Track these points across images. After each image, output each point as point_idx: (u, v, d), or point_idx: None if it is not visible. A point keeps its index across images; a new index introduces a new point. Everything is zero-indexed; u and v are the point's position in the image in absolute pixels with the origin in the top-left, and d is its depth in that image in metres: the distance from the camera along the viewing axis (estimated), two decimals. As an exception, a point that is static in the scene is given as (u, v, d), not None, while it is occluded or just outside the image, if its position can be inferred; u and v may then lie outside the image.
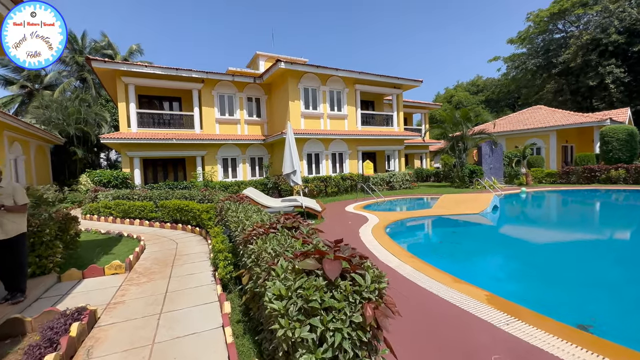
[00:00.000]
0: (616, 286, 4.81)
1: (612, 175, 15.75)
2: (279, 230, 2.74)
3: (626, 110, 22.19)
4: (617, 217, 10.70)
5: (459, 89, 54.45)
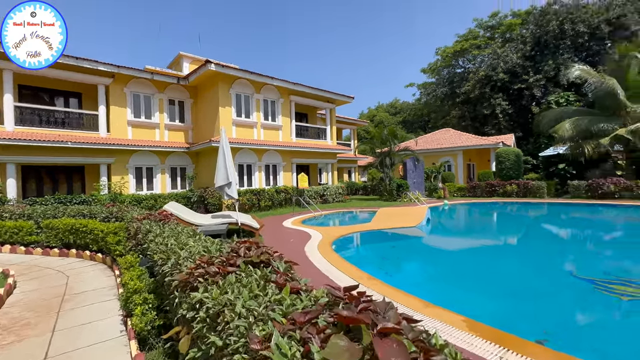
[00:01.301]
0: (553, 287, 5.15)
1: (508, 190, 18.48)
2: (241, 267, 1.92)
3: (512, 136, 26.77)
4: (528, 225, 12.35)
5: (380, 110, 59.24)
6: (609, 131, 15.66)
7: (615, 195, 14.85)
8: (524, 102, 29.48)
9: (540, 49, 28.91)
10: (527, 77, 28.95)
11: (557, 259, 7.34)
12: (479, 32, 38.65)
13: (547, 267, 6.70)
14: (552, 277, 5.99)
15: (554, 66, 27.53)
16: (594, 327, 4.08)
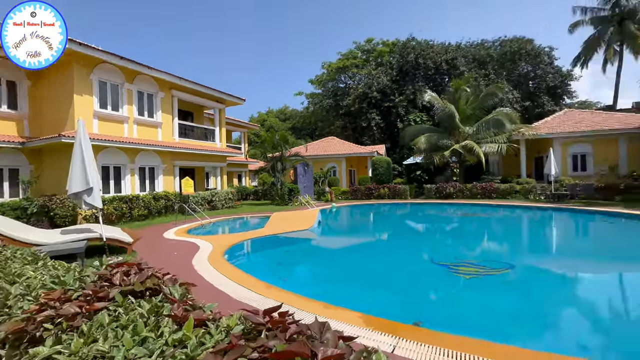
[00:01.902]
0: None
1: (381, 192, 21.36)
2: (118, 301, 1.44)
3: (383, 146, 31.17)
4: (397, 222, 14.38)
5: (271, 115, 59.70)
6: (449, 146, 20.07)
7: (454, 196, 19.10)
8: (392, 118, 34.86)
9: (403, 75, 34.86)
10: (394, 97, 34.37)
11: (419, 249, 8.81)
12: (357, 53, 43.73)
13: (414, 257, 7.95)
14: (418, 265, 7.13)
15: (413, 90, 33.60)
16: (451, 302, 5.01)
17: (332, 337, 0.97)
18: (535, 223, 13.23)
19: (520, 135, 19.53)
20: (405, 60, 34.25)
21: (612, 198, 15.05)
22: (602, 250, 8.68)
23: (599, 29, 29.31)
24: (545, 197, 16.33)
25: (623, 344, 3.75)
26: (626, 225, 11.03)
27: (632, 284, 6.10)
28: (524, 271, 6.59)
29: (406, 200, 19.95)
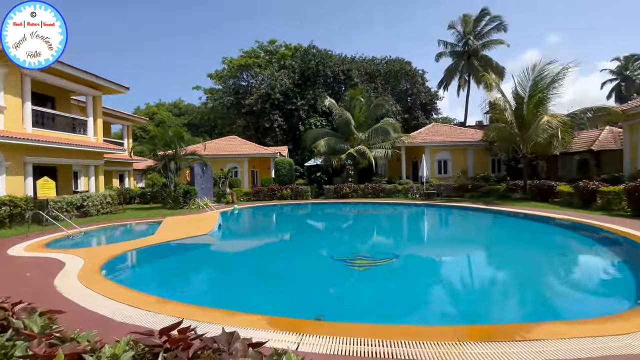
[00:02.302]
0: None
1: (284, 193, 21.67)
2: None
3: (286, 147, 31.70)
4: (299, 221, 14.76)
5: (162, 108, 53.38)
6: (345, 150, 21.88)
7: (350, 196, 20.90)
8: (294, 120, 35.79)
9: (305, 80, 36.24)
10: (296, 100, 35.36)
11: (320, 247, 9.33)
12: (260, 53, 43.25)
13: (315, 255, 8.36)
14: (319, 262, 7.53)
15: (313, 96, 35.25)
16: (349, 293, 5.47)
17: (242, 347, 0.93)
18: (412, 217, 15.65)
19: (402, 142, 22.78)
20: (307, 66, 35.68)
21: (463, 195, 19.08)
22: (458, 235, 10.92)
23: (455, 61, 36.78)
24: (420, 196, 19.50)
25: (482, 308, 4.80)
26: (472, 216, 14.16)
27: (480, 260, 7.87)
28: (405, 258, 7.72)
29: (307, 201, 20.77)
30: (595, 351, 2.71)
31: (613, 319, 3.31)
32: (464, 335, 3.00)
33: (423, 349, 2.79)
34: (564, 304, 4.96)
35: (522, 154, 16.75)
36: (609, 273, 6.53)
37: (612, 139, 19.28)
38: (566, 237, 9.46)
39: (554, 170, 22.36)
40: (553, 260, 7.30)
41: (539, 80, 15.87)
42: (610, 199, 11.20)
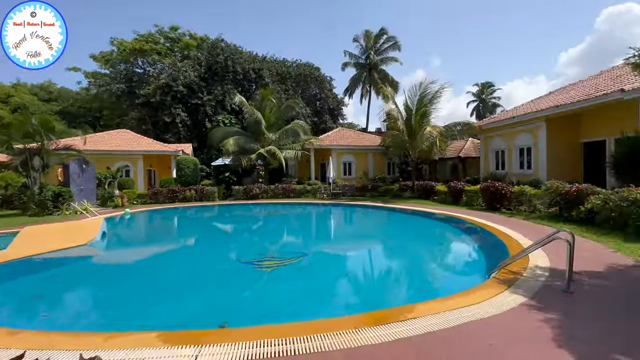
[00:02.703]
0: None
1: (187, 195, 19.93)
2: None
3: (190, 145, 29.25)
4: (205, 225, 13.72)
5: (22, 90, 42.65)
6: (256, 149, 21.48)
7: (260, 196, 20.58)
8: (200, 116, 33.29)
9: (212, 74, 34.09)
10: (202, 95, 32.94)
11: (227, 251, 8.92)
12: (160, 39, 38.79)
13: (220, 259, 7.95)
14: (224, 266, 7.20)
15: (222, 92, 33.47)
16: (256, 296, 5.38)
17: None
18: (320, 216, 16.40)
19: (311, 144, 23.64)
20: (215, 60, 33.68)
21: (365, 195, 20.99)
22: (359, 231, 11.94)
23: (358, 72, 40.19)
24: (327, 195, 20.57)
25: (378, 295, 5.30)
26: (372, 213, 15.67)
27: (377, 252, 8.75)
28: (313, 256, 8.02)
29: (214, 202, 19.60)
30: (458, 320, 3.32)
31: (470, 292, 4.12)
32: (360, 323, 3.28)
33: (323, 341, 2.94)
34: (439, 284, 5.96)
35: (411, 158, 19.42)
36: (470, 255, 8.12)
37: (473, 148, 24.06)
38: (442, 229, 11.37)
39: (434, 172, 26.60)
40: (432, 248, 8.68)
41: (424, 96, 18.66)
42: (471, 196, 13.95)
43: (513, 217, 10.55)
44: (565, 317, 3.39)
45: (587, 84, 15.39)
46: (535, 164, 15.83)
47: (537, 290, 4.12)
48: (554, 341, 2.92)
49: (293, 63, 40.98)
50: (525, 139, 16.57)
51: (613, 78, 13.89)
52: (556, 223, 8.98)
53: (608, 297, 3.96)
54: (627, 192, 7.43)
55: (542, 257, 5.66)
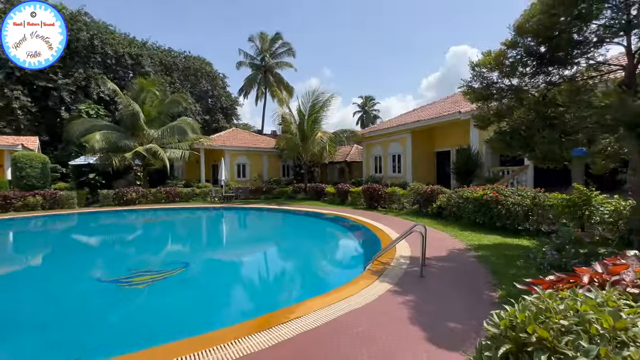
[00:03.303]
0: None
1: (31, 202, 15.61)
2: None
3: (36, 139, 23.10)
4: (56, 239, 10.90)
5: None
6: (132, 147, 18.52)
7: (137, 202, 17.82)
8: (52, 103, 26.63)
9: (71, 54, 27.76)
10: (55, 77, 26.44)
11: (85, 269, 7.34)
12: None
13: (76, 281, 6.48)
14: (82, 289, 5.90)
15: (85, 76, 27.61)
16: (123, 318, 4.56)
17: None
18: (209, 221, 15.33)
19: (201, 144, 21.93)
20: (76, 36, 27.57)
21: (259, 197, 20.75)
22: (252, 235, 11.69)
23: (254, 73, 39.60)
24: (219, 199, 19.44)
25: (266, 298, 5.20)
26: (266, 215, 15.60)
27: (268, 255, 8.69)
28: (198, 265, 7.38)
29: (73, 210, 15.97)
30: (335, 313, 3.57)
31: (347, 286, 4.51)
32: (242, 332, 3.16)
33: (202, 359, 2.71)
34: (326, 280, 6.33)
35: (304, 161, 20.25)
36: (353, 250, 8.96)
37: (357, 154, 26.83)
38: (330, 228, 12.21)
39: (325, 175, 28.47)
40: (320, 247, 9.21)
41: (316, 103, 19.74)
42: (355, 196, 15.50)
43: (387, 214, 12.19)
44: (418, 297, 4.07)
45: (438, 105, 19.21)
46: (404, 169, 18.77)
47: (400, 277, 4.83)
48: (409, 318, 3.46)
49: (180, 54, 37.33)
50: (396, 147, 19.46)
51: (455, 102, 17.73)
52: (417, 218, 10.82)
53: (448, 276, 4.96)
54: (462, 191, 9.55)
55: (406, 247, 6.70)
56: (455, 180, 14.16)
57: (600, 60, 5.70)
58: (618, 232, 6.21)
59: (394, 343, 2.97)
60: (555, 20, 4.95)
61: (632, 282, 1.42)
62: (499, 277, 4.67)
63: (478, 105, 6.34)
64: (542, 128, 5.14)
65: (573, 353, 1.01)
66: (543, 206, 7.47)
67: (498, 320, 1.24)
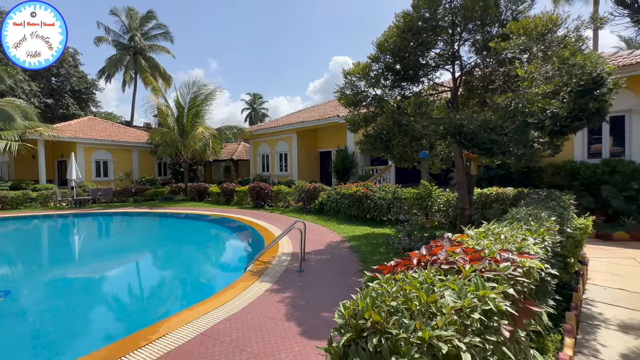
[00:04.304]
0: None
1: None
2: None
3: None
4: None
5: None
6: None
7: None
8: None
9: None
10: None
11: None
12: None
13: None
14: None
15: None
16: None
17: None
18: (51, 232, 12.13)
19: (39, 135, 17.12)
20: None
21: (127, 200, 17.71)
22: (116, 245, 9.81)
23: (120, 53, 33.48)
24: (68, 204, 15.64)
25: (121, 322, 4.34)
26: (134, 221, 13.40)
27: (144, 268, 7.42)
28: (23, 292, 5.68)
29: None
30: (208, 324, 3.29)
31: (224, 292, 4.26)
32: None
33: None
34: (205, 288, 5.83)
35: (184, 158, 18.36)
36: (237, 252, 8.60)
37: (245, 152, 26.14)
38: (214, 230, 11.43)
39: (209, 174, 26.63)
40: (199, 252, 8.48)
41: (197, 95, 18.14)
42: (242, 196, 15.02)
43: (273, 213, 12.26)
44: (296, 292, 4.18)
45: (321, 108, 20.55)
46: (290, 167, 19.32)
47: (280, 275, 4.88)
48: (285, 316, 3.50)
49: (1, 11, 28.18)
50: (283, 146, 19.84)
51: (335, 106, 19.31)
52: (301, 214, 11.27)
53: (325, 268, 5.29)
54: (339, 188, 10.46)
55: (289, 244, 6.85)
56: (335, 178, 15.44)
57: (437, 82, 7.16)
58: (449, 217, 7.97)
59: (269, 344, 2.93)
60: (406, 43, 5.92)
61: (445, 260, 1.76)
62: (367, 263, 5.28)
63: (350, 110, 7.02)
64: (398, 133, 6.08)
65: (397, 330, 1.15)
66: (400, 199, 8.90)
67: (344, 310, 1.32)
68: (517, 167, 7.62)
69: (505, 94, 4.78)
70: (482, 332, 1.32)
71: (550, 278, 2.74)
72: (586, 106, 4.57)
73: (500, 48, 4.75)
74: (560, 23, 4.77)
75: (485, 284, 1.48)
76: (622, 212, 7.45)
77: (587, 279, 4.45)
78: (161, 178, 23.38)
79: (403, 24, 5.93)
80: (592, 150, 9.21)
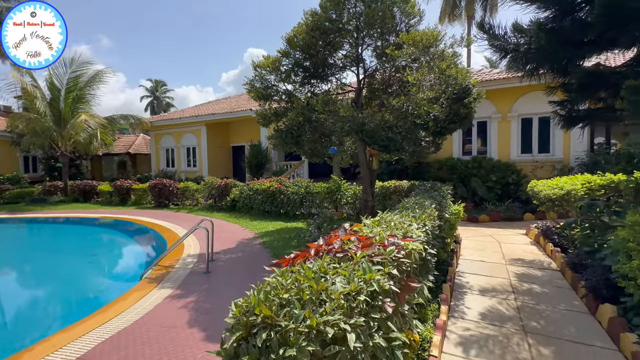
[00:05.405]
0: None
1: None
2: None
3: None
4: None
5: None
6: None
7: None
8: None
9: None
10: None
11: None
12: None
13: None
14: None
15: None
16: None
17: None
18: None
19: None
20: None
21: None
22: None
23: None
24: None
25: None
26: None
27: (10, 286, 5.81)
28: None
29: None
30: (86, 347, 2.80)
31: (113, 305, 3.70)
32: None
33: None
34: (88, 305, 4.95)
35: (61, 151, 15.21)
36: (133, 259, 7.58)
37: (144, 144, 23.20)
38: (104, 235, 9.83)
39: (99, 170, 22.77)
40: (83, 262, 7.18)
41: (79, 75, 15.18)
42: (140, 194, 13.29)
43: (179, 212, 11.21)
44: (201, 296, 3.91)
45: (234, 100, 19.62)
46: (200, 163, 17.96)
47: (184, 279, 4.50)
48: (188, 322, 3.24)
49: None
50: (191, 139, 18.28)
51: (249, 99, 18.68)
52: (212, 213, 10.61)
53: (234, 267, 5.09)
54: (253, 184, 10.21)
55: (195, 245, 6.37)
56: (249, 174, 15.02)
57: (345, 82, 7.58)
58: (356, 209, 8.59)
59: (167, 356, 2.66)
60: (315, 42, 6.09)
61: (340, 248, 1.87)
62: (278, 259, 5.28)
63: (260, 103, 6.87)
64: (308, 129, 6.23)
65: (286, 322, 1.16)
66: (312, 193, 9.19)
67: (235, 309, 1.27)
68: (410, 162, 8.68)
69: (399, 97, 5.37)
70: (368, 312, 1.44)
71: (431, 257, 3.21)
72: (459, 111, 5.48)
73: (395, 55, 5.30)
74: (440, 39, 5.59)
75: (372, 267, 1.62)
76: (485, 199, 9.25)
77: (460, 255, 5.38)
78: (29, 175, 18.92)
79: (312, 22, 6.07)
80: (466, 150, 11.14)
